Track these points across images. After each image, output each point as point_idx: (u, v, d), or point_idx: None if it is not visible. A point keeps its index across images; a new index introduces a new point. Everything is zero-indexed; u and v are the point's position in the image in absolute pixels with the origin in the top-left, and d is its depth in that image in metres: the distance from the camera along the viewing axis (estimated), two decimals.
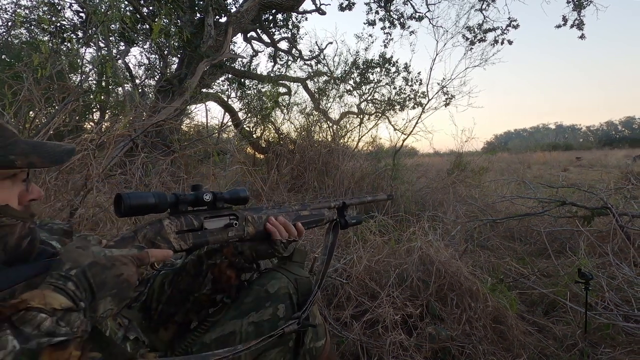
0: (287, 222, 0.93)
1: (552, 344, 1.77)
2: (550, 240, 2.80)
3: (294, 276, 0.94)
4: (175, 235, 0.72)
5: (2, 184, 0.58)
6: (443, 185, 4.35)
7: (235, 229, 0.82)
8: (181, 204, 0.74)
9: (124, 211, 0.66)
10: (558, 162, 13.16)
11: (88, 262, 0.56)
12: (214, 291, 0.89)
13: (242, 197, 0.84)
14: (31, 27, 4.69)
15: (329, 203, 1.10)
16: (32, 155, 0.58)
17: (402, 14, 7.11)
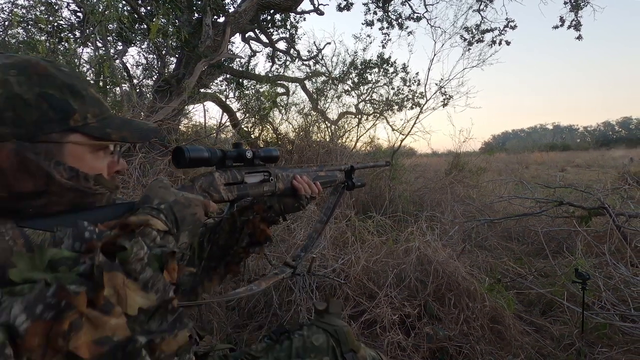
0: (310, 181, 1.04)
1: (549, 344, 1.78)
2: (547, 240, 2.81)
3: (332, 328, 1.01)
4: (224, 186, 0.80)
5: (97, 154, 0.62)
6: (441, 186, 4.36)
7: (269, 184, 0.92)
8: (227, 159, 0.82)
9: (183, 163, 0.73)
10: (555, 162, 13.21)
11: (172, 199, 0.64)
12: (250, 244, 0.97)
13: (274, 156, 0.93)
14: (28, 27, 4.67)
15: (340, 166, 1.22)
16: (124, 130, 0.63)
17: (400, 14, 7.12)
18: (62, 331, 0.38)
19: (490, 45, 6.53)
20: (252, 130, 5.42)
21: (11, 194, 0.53)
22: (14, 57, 0.55)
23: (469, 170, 5.15)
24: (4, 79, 0.51)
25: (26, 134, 0.52)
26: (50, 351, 0.38)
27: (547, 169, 10.42)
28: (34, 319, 0.38)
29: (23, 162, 0.52)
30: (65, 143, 0.56)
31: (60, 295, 0.39)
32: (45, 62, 0.57)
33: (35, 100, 0.53)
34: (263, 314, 1.79)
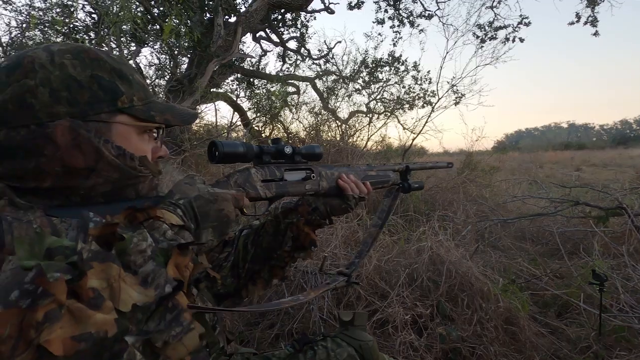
0: (358, 180, 0.97)
1: (565, 346, 1.75)
2: (563, 241, 2.76)
3: (357, 342, 0.98)
4: (261, 183, 0.77)
5: (142, 136, 0.64)
6: (453, 185, 4.31)
7: (312, 182, 0.87)
8: (265, 155, 0.79)
9: (218, 157, 0.72)
10: (570, 161, 12.95)
11: (194, 195, 0.63)
12: (294, 248, 0.94)
13: (317, 153, 0.89)
14: (45, 29, 4.77)
15: (393, 166, 1.13)
16: (167, 114, 0.65)
17: (412, 12, 7.06)
18: (36, 321, 0.35)
19: (503, 43, 6.42)
20: (263, 130, 5.45)
21: (64, 169, 0.55)
22: (69, 44, 0.59)
23: (481, 170, 5.08)
24: (60, 62, 0.55)
25: (79, 112, 0.56)
26: (22, 344, 0.35)
27: (561, 169, 10.22)
28: (7, 305, 0.35)
29: (76, 138, 0.55)
30: (113, 123, 0.59)
31: (38, 282, 0.36)
32: (97, 49, 0.60)
33: (87, 81, 0.56)
34: (275, 312, 1.79)
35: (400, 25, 7.14)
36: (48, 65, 0.54)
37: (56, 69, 0.55)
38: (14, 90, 0.53)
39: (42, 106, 0.54)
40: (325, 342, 0.98)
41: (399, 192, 1.16)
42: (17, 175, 0.55)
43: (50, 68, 0.54)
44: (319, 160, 0.91)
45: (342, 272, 1.08)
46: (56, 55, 0.56)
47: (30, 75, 0.53)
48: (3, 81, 0.54)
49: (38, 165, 0.54)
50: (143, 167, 0.62)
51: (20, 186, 0.55)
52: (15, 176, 0.55)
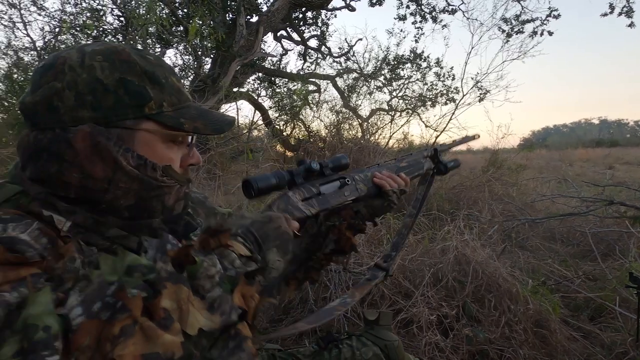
0: (392, 174, 0.96)
1: (599, 352, 1.68)
2: (595, 242, 2.65)
3: (383, 342, 0.97)
4: (302, 202, 0.78)
5: (170, 144, 0.60)
6: (478, 184, 4.20)
7: (349, 187, 0.87)
8: (296, 177, 0.80)
9: (254, 194, 0.72)
10: (602, 159, 12.39)
11: (249, 222, 0.63)
12: (334, 251, 0.93)
13: (344, 164, 0.88)
14: (76, 33, 4.96)
15: (422, 152, 1.11)
16: (198, 121, 0.60)
17: (434, 7, 6.92)
18: (112, 334, 0.37)
19: (531, 36, 6.21)
20: (284, 128, 5.48)
21: (84, 177, 0.53)
22: (104, 44, 0.57)
23: (507, 168, 4.93)
24: (90, 64, 0.53)
25: (102, 118, 0.54)
26: (98, 356, 0.36)
27: (592, 167, 9.81)
28: (89, 315, 0.37)
29: (95, 145, 0.53)
30: (138, 130, 0.56)
31: (119, 296, 0.39)
32: (131, 50, 0.58)
33: (114, 85, 0.54)
34: (298, 309, 1.80)
35: (423, 21, 7.02)
36: (77, 67, 0.53)
37: (84, 71, 0.53)
38: (44, 92, 0.53)
39: (67, 110, 0.52)
40: (350, 340, 0.98)
41: (434, 177, 1.14)
42: (43, 178, 0.54)
43: (78, 70, 0.53)
44: (346, 169, 0.90)
45: (380, 265, 1.06)
46: (87, 56, 0.54)
47: (59, 78, 0.53)
48: (37, 82, 0.54)
49: (61, 170, 0.53)
50: (166, 177, 0.59)
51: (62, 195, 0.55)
52: (42, 180, 0.54)
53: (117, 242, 0.56)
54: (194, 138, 0.66)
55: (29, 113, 0.55)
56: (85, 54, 0.54)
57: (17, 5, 5.61)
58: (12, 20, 5.81)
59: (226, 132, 0.69)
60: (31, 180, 0.54)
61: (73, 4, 5.07)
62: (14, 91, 5.42)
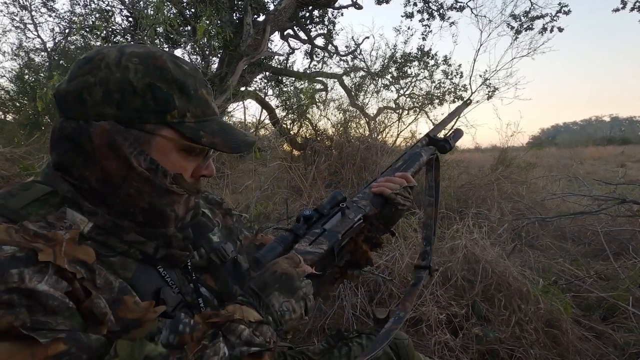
0: (390, 177, 0.93)
1: (612, 352, 1.65)
2: (608, 241, 2.60)
3: (393, 340, 0.96)
4: (310, 247, 0.75)
5: (185, 153, 0.61)
6: (486, 182, 4.16)
7: (351, 210, 0.84)
8: (298, 231, 0.78)
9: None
10: (614, 157, 12.19)
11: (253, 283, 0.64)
12: (349, 264, 0.93)
13: (340, 200, 0.85)
14: (85, 34, 5.02)
15: (416, 146, 1.07)
16: (217, 137, 0.61)
17: (442, 4, 6.85)
18: None
19: (541, 33, 6.12)
20: (292, 127, 5.48)
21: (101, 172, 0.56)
22: (144, 48, 0.59)
23: (516, 166, 4.88)
24: (125, 65, 0.55)
25: (124, 117, 0.55)
26: None
27: (604, 165, 9.65)
28: None
29: (111, 143, 0.55)
30: (156, 135, 0.57)
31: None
32: (168, 57, 0.59)
33: (142, 89, 0.55)
34: None
35: (430, 19, 6.96)
36: (113, 66, 0.55)
37: (118, 70, 0.55)
38: (77, 84, 0.55)
39: (93, 104, 0.55)
40: (360, 339, 0.98)
41: (438, 161, 1.10)
42: (65, 165, 0.57)
43: (113, 69, 0.55)
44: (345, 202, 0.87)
45: (420, 265, 1.02)
46: (124, 57, 0.56)
47: (93, 73, 0.55)
48: (74, 73, 0.57)
49: (82, 160, 0.56)
50: (176, 185, 0.60)
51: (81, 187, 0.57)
52: (65, 165, 0.57)
53: (135, 247, 0.58)
54: (210, 151, 0.66)
55: (60, 100, 0.57)
56: (124, 54, 0.56)
57: (28, 7, 5.69)
58: (24, 22, 5.91)
59: (242, 152, 0.68)
60: (55, 167, 0.57)
61: (82, 5, 5.13)
62: (25, 92, 5.51)
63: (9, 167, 2.44)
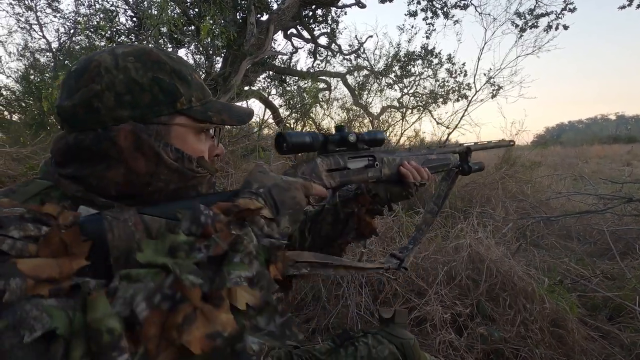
0: (419, 166, 0.96)
1: (618, 352, 1.64)
2: (614, 240, 2.58)
3: (399, 340, 0.97)
4: (326, 172, 0.77)
5: (199, 136, 0.64)
6: (491, 181, 4.15)
7: (374, 169, 0.87)
8: (330, 144, 0.80)
9: (286, 148, 0.72)
10: (619, 155, 12.09)
11: (271, 183, 0.64)
12: (357, 237, 0.96)
13: (379, 139, 0.88)
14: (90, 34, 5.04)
15: (453, 148, 1.12)
16: (224, 113, 0.65)
17: (446, 2, 6.81)
18: (177, 323, 0.39)
19: (546, 31, 6.07)
20: (295, 126, 5.49)
21: (128, 172, 0.57)
22: (131, 46, 0.60)
23: (521, 165, 4.85)
24: (124, 65, 0.56)
25: (140, 115, 0.57)
26: (164, 342, 0.39)
27: (609, 163, 9.57)
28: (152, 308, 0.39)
29: (138, 142, 0.56)
30: (172, 125, 0.59)
31: (177, 287, 0.41)
32: (157, 50, 0.61)
33: (149, 84, 0.57)
34: (311, 306, 1.81)
35: (434, 17, 6.92)
36: (113, 69, 0.56)
37: (120, 72, 0.56)
38: (83, 95, 0.55)
39: (108, 110, 0.55)
40: (366, 338, 0.98)
41: (457, 175, 1.14)
42: (83, 177, 0.56)
43: (114, 72, 0.56)
44: (381, 145, 0.90)
45: (396, 255, 1.06)
46: (120, 58, 0.57)
47: (96, 80, 0.55)
48: (72, 86, 0.56)
49: (107, 167, 0.56)
50: (201, 167, 0.63)
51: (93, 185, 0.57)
52: (82, 178, 0.56)
53: None
54: (218, 131, 0.70)
55: (67, 116, 0.57)
56: (118, 56, 0.57)
57: (34, 8, 5.73)
58: (29, 22, 5.95)
59: (247, 122, 0.71)
60: (70, 179, 0.56)
61: (87, 6, 5.16)
62: (30, 92, 5.54)
63: (15, 167, 2.46)
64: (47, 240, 0.44)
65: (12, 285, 0.37)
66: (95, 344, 0.36)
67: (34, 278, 0.40)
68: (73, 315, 0.38)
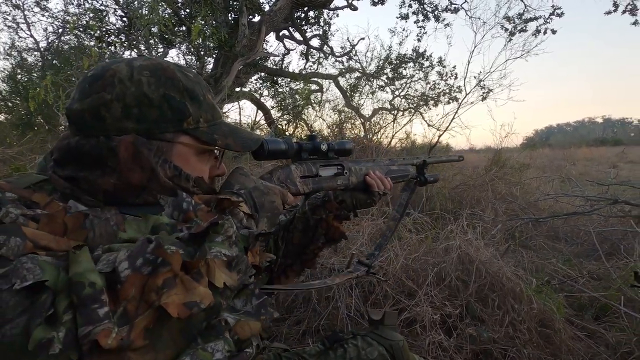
0: (383, 176, 1.02)
1: (604, 351, 1.67)
2: (600, 241, 2.63)
3: (388, 342, 0.98)
4: (300, 179, 0.81)
5: (202, 157, 0.65)
6: (481, 183, 4.19)
7: (343, 177, 0.92)
8: (303, 152, 0.84)
9: (262, 155, 0.75)
10: (606, 158, 12.32)
11: (252, 185, 0.67)
12: (327, 241, 1.00)
13: (347, 149, 0.93)
14: (79, 33, 4.98)
15: (412, 160, 1.19)
16: (229, 138, 0.65)
17: (437, 6, 6.89)
18: (156, 286, 0.41)
19: (534, 35, 6.17)
20: (287, 128, 5.48)
21: (120, 182, 0.57)
22: (150, 60, 0.61)
23: (510, 167, 4.92)
24: (138, 78, 0.57)
25: (145, 130, 0.58)
26: (144, 304, 0.40)
27: (596, 166, 9.75)
28: (134, 269, 0.41)
29: (137, 155, 0.57)
30: (176, 143, 0.60)
31: (158, 252, 0.42)
32: (175, 67, 0.62)
33: (159, 100, 0.58)
34: (302, 309, 1.80)
35: (425, 20, 7.00)
36: (126, 80, 0.56)
37: (133, 85, 0.57)
38: (92, 101, 0.56)
39: (113, 120, 0.56)
40: (355, 340, 0.98)
41: (416, 185, 1.21)
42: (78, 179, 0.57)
43: (127, 84, 0.56)
44: (349, 155, 0.94)
45: (363, 262, 1.13)
46: (136, 71, 0.57)
47: (108, 89, 0.56)
48: (86, 91, 0.57)
49: (101, 174, 0.56)
50: (197, 187, 0.63)
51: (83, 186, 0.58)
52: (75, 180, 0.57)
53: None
54: (222, 152, 0.71)
55: (75, 119, 0.58)
56: (134, 68, 0.58)
57: (21, 7, 5.64)
58: (16, 21, 5.85)
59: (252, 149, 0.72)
60: (64, 179, 0.57)
61: (76, 5, 5.09)
62: (17, 92, 5.45)
63: (1, 168, 2.42)
64: (51, 218, 0.46)
65: (11, 242, 0.41)
66: (76, 296, 0.38)
67: (33, 242, 0.43)
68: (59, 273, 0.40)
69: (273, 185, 0.71)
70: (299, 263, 1.00)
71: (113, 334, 0.37)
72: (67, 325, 0.37)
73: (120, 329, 0.38)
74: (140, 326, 0.39)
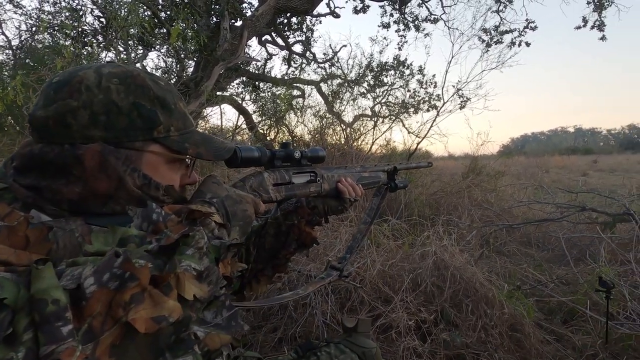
0: (354, 183, 1.03)
1: (571, 354, 1.73)
2: (569, 247, 2.73)
3: (361, 349, 0.99)
4: (273, 187, 0.81)
5: (172, 165, 0.64)
6: (458, 189, 4.29)
7: (315, 184, 0.93)
8: (276, 160, 0.84)
9: (235, 162, 0.75)
10: (577, 166, 12.83)
11: (224, 194, 0.66)
12: (299, 247, 1.00)
13: (320, 156, 0.94)
14: (54, 32, 4.83)
15: (383, 167, 1.21)
16: (201, 147, 0.64)
17: (417, 16, 7.06)
18: (124, 301, 0.39)
19: (509, 47, 6.40)
20: (268, 133, 5.47)
21: (86, 190, 0.55)
22: (120, 67, 0.59)
23: (486, 174, 5.06)
24: (107, 86, 0.56)
25: (113, 138, 0.56)
26: (110, 320, 0.39)
27: (568, 174, 10.15)
28: (100, 285, 0.39)
29: (104, 163, 0.55)
30: (145, 152, 0.59)
31: (126, 267, 0.41)
32: (145, 74, 0.60)
33: (128, 108, 0.57)
34: (278, 316, 1.79)
35: (406, 30, 7.15)
36: (94, 88, 0.55)
37: (101, 92, 0.55)
38: (58, 108, 0.54)
39: (80, 128, 0.54)
40: (328, 348, 0.99)
41: (387, 192, 1.24)
42: (40, 188, 0.55)
43: (95, 91, 0.55)
44: (322, 162, 0.95)
45: (335, 266, 1.14)
46: (104, 78, 0.56)
47: (75, 96, 0.54)
48: (51, 97, 0.55)
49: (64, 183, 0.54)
50: (167, 196, 0.62)
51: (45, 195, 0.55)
52: (38, 188, 0.55)
53: None
54: (193, 161, 0.70)
55: (38, 126, 0.56)
56: (102, 75, 0.56)
57: None
58: None
59: (225, 159, 0.71)
60: (26, 188, 0.55)
61: (52, 3, 4.94)
62: None
63: None
64: (12, 230, 0.43)
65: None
66: (38, 314, 0.36)
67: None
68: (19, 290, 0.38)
69: (245, 194, 0.70)
70: (270, 268, 0.99)
71: (77, 352, 0.36)
72: (27, 344, 0.35)
73: (84, 346, 0.37)
74: (106, 343, 0.38)
